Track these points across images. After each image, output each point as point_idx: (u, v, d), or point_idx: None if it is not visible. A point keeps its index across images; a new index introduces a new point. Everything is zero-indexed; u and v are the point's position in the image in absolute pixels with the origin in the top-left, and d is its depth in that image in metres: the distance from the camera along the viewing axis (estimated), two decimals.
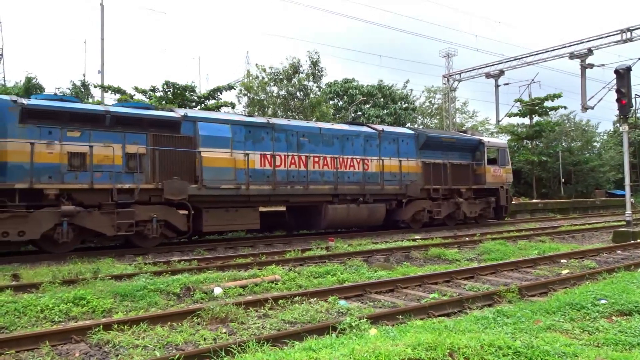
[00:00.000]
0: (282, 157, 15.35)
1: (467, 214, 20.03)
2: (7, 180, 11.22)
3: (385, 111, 36.71)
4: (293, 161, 15.55)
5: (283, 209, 16.93)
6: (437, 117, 49.16)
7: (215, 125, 14.30)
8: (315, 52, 32.64)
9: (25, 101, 11.92)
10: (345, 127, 18.00)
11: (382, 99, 38.10)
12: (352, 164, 16.88)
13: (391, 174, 17.80)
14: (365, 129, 18.27)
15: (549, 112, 41.35)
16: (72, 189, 12.00)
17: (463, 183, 20.01)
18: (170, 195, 13.05)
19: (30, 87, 21.02)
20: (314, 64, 31.66)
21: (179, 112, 14.27)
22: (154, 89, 23.21)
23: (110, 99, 24.45)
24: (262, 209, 15.43)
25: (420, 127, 44.72)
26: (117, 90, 23.48)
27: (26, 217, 11.29)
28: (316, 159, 16.02)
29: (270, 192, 14.99)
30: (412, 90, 45.67)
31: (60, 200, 11.81)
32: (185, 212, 13.57)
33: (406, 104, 39.45)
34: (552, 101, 38.52)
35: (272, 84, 31.47)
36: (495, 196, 21.10)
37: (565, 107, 40.01)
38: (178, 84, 23.03)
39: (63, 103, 12.51)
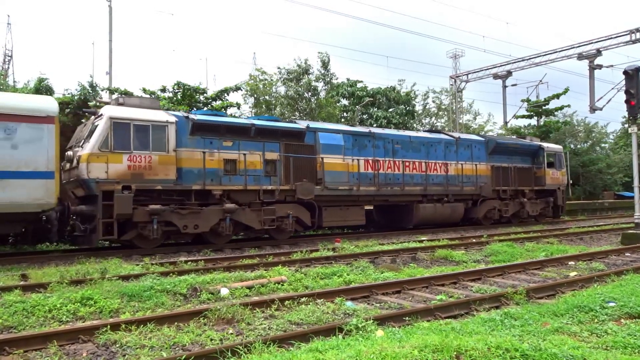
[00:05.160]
0: (382, 162, 17.57)
1: (529, 212, 22.10)
2: (184, 183, 13.33)
3: (388, 113, 36.60)
4: (390, 165, 17.82)
5: (371, 207, 19.13)
6: (444, 118, 48.99)
7: (331, 134, 16.58)
8: (326, 54, 32.54)
9: (194, 116, 13.92)
10: (429, 135, 20.18)
11: (387, 101, 37.92)
12: (435, 167, 19.11)
13: (467, 177, 20.04)
14: (443, 136, 20.34)
15: (555, 113, 41.04)
16: (231, 190, 14.16)
17: (526, 184, 22.14)
18: (301, 195, 15.22)
19: (41, 89, 21.05)
20: (325, 65, 31.58)
21: (302, 124, 16.34)
22: (164, 89, 23.24)
23: None
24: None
25: (427, 127, 44.62)
26: (124, 93, 23.54)
27: (199, 213, 13.42)
28: (407, 163, 18.27)
29: (375, 192, 17.26)
30: (416, 93, 45.57)
31: (222, 199, 13.91)
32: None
33: (408, 107, 39.18)
34: (558, 98, 38.22)
35: (279, 84, 31.47)
36: (553, 196, 23.22)
37: (569, 106, 39.63)
38: (189, 85, 23.07)
39: (218, 117, 14.75)
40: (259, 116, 18.28)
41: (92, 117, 13.56)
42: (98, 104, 15.78)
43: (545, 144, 23.82)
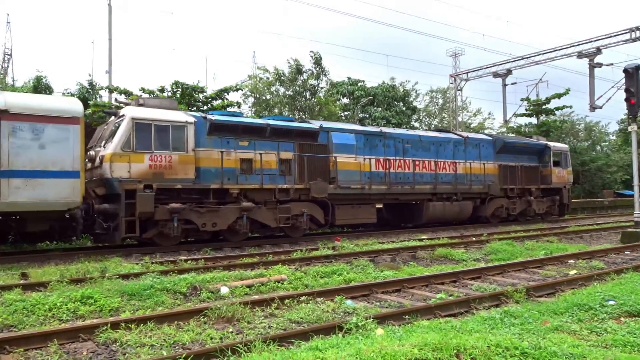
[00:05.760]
0: (392, 161, 17.80)
1: (536, 210, 22.43)
2: (202, 182, 13.57)
3: (388, 112, 36.59)
4: (400, 164, 18.06)
5: (380, 206, 19.35)
6: (441, 116, 49.01)
7: (344, 134, 16.83)
8: (317, 53, 32.69)
9: (212, 117, 14.12)
10: (438, 134, 20.39)
11: (385, 100, 37.90)
12: (444, 166, 19.38)
13: (475, 175, 20.31)
14: (452, 135, 20.65)
15: (555, 112, 40.99)
16: (247, 189, 14.43)
17: (532, 183, 22.37)
18: (315, 193, 15.50)
19: (40, 87, 21.04)
20: (317, 62, 31.60)
21: (315, 124, 16.55)
22: (162, 89, 23.19)
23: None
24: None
25: (424, 127, 44.66)
26: (123, 92, 23.53)
27: (217, 212, 13.68)
28: (417, 162, 18.53)
29: (386, 191, 17.51)
30: (416, 91, 45.49)
31: (239, 198, 14.18)
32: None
33: (406, 106, 39.14)
34: (559, 98, 38.14)
35: (277, 83, 31.47)
36: (558, 195, 23.43)
37: (570, 106, 39.52)
38: (187, 84, 23.00)
39: (235, 118, 14.96)
40: (274, 116, 18.60)
41: (113, 117, 13.76)
42: (119, 104, 16.01)
43: (551, 143, 24.07)
